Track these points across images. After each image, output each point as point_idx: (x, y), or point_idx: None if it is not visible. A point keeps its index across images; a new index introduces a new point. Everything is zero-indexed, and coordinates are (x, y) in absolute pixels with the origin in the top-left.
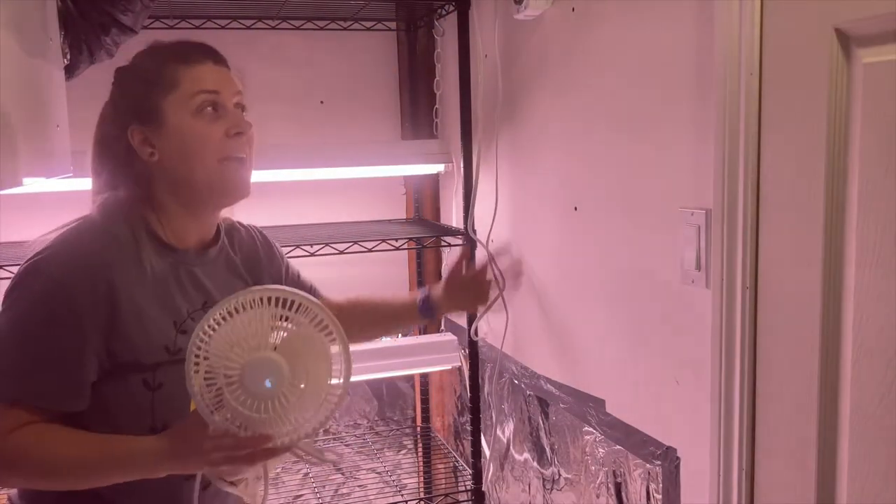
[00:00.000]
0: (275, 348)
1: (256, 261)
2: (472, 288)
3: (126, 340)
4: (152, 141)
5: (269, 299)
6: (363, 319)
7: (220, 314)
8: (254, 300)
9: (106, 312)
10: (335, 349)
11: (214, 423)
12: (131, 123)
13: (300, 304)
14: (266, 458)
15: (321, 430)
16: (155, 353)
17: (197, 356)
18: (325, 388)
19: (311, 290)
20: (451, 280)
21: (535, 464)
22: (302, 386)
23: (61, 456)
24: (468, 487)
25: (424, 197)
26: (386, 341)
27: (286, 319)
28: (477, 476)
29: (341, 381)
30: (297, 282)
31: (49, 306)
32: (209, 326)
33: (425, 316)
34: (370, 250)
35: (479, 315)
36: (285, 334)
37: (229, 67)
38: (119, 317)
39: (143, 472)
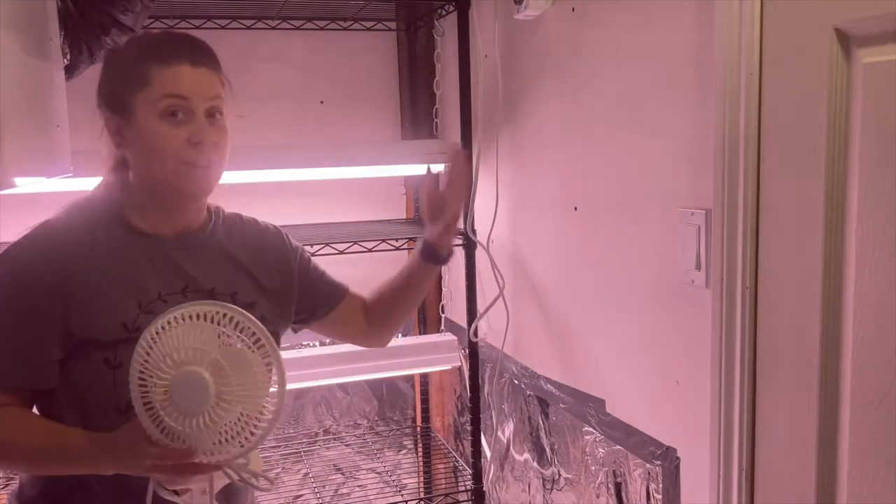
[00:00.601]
0: (209, 364)
1: (258, 253)
2: (448, 198)
3: (82, 319)
4: (122, 132)
5: (213, 315)
6: (390, 302)
7: (162, 323)
8: (194, 314)
9: (60, 295)
10: (272, 370)
11: (151, 429)
12: (106, 111)
13: (240, 322)
14: (195, 472)
15: (252, 451)
16: (112, 330)
17: (143, 363)
18: (256, 408)
19: (335, 287)
20: (430, 210)
21: (535, 464)
22: (229, 405)
23: (23, 441)
24: (468, 487)
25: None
26: None
27: (233, 334)
28: (477, 476)
29: (274, 403)
30: (315, 279)
31: (9, 291)
32: (155, 333)
33: (431, 259)
34: (370, 250)
35: (479, 315)
36: (218, 348)
37: (214, 67)
38: (74, 297)
39: (91, 468)
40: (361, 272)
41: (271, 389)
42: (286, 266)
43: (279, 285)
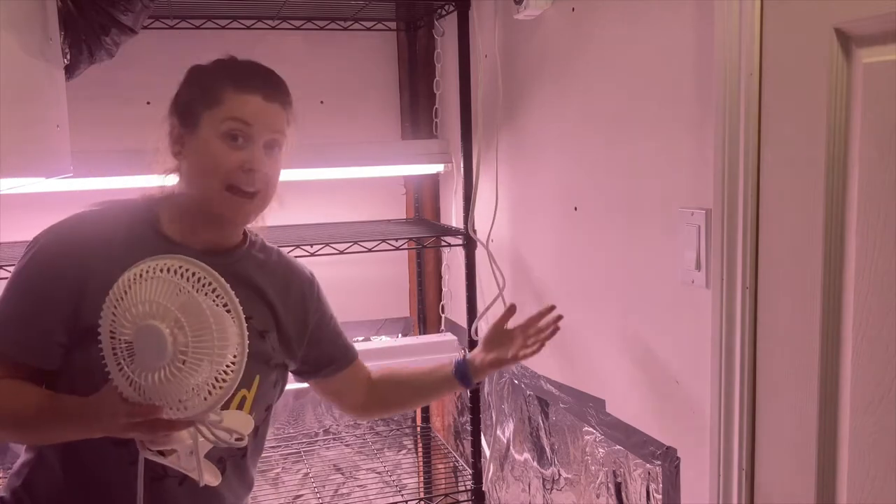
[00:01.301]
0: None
1: (285, 290)
2: (514, 340)
3: (91, 310)
4: (183, 141)
5: (176, 270)
6: (399, 394)
7: (128, 278)
8: (157, 267)
9: (75, 282)
10: (233, 328)
11: (124, 387)
12: (174, 118)
13: (203, 279)
14: (167, 429)
15: (217, 407)
16: None
17: (111, 319)
18: (219, 364)
19: (346, 352)
20: (492, 333)
21: (535, 464)
22: (190, 359)
23: (14, 409)
24: (468, 487)
25: (424, 197)
26: (386, 341)
27: (197, 290)
28: (477, 476)
29: (236, 359)
30: (327, 337)
31: (28, 271)
32: (122, 292)
33: (460, 378)
34: (370, 250)
35: (479, 315)
36: (179, 301)
37: (285, 104)
38: (88, 287)
39: (79, 431)
40: (361, 272)
41: (231, 345)
42: (304, 312)
43: (293, 326)
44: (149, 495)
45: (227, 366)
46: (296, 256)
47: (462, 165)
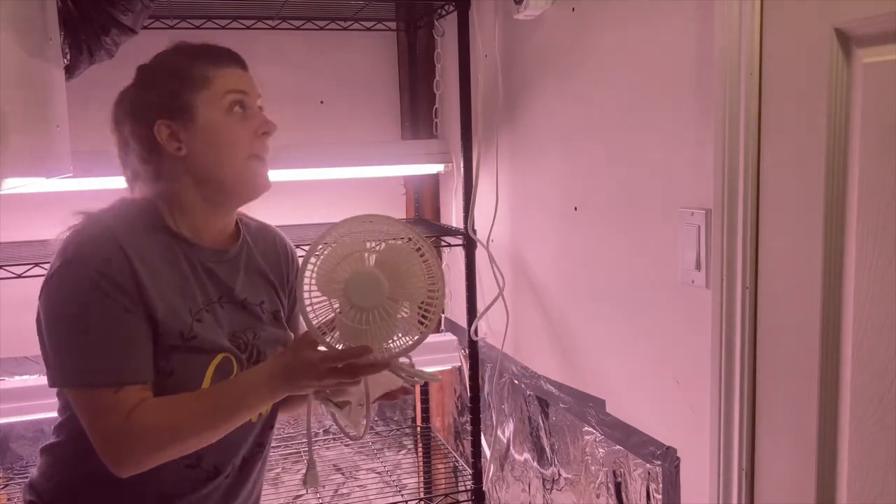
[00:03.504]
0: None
1: (276, 260)
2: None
3: (153, 318)
4: (180, 136)
5: (370, 224)
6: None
7: (325, 242)
8: (353, 228)
9: (138, 290)
10: (430, 271)
11: (322, 340)
12: (158, 118)
13: (399, 232)
14: (367, 372)
15: (417, 346)
16: (172, 336)
17: (310, 278)
18: (420, 303)
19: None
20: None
21: (535, 464)
22: (401, 302)
23: (188, 412)
24: (468, 487)
25: (424, 197)
26: None
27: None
28: (477, 476)
29: (436, 297)
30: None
31: (97, 292)
32: (316, 253)
33: None
34: None
35: (478, 315)
36: (380, 251)
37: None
38: (147, 295)
39: (265, 397)
40: None
41: (429, 284)
42: (287, 270)
43: (282, 289)
44: (189, 485)
45: (428, 306)
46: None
47: (462, 165)
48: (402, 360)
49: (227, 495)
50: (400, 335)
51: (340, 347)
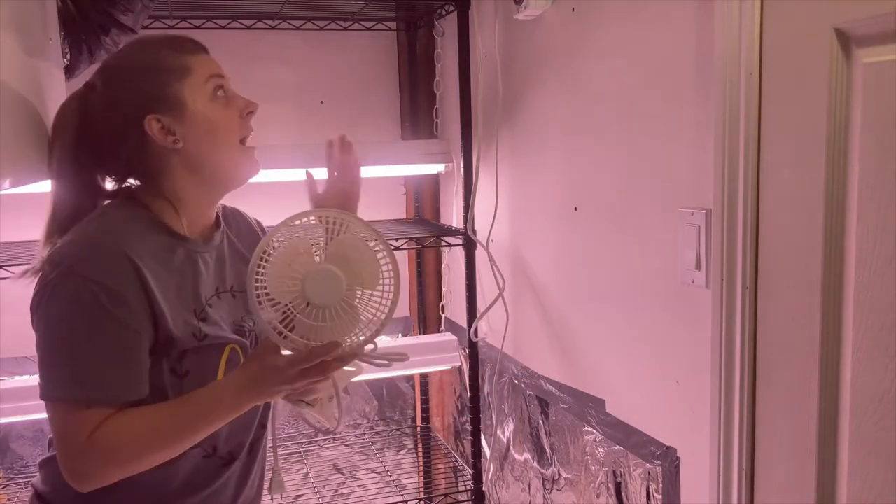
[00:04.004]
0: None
1: (250, 239)
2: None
3: (164, 329)
4: (173, 128)
5: (309, 220)
6: None
7: (269, 245)
8: (293, 225)
9: (146, 302)
10: (380, 256)
11: (285, 344)
12: (148, 114)
13: (341, 222)
14: (337, 367)
15: (381, 333)
16: (185, 339)
17: (257, 287)
18: (376, 290)
19: None
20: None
21: (535, 464)
22: (358, 290)
23: (152, 429)
24: (468, 487)
25: (424, 197)
26: (386, 341)
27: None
28: (477, 476)
29: (391, 282)
30: None
31: (93, 305)
32: (262, 258)
33: None
34: None
35: (478, 315)
36: (329, 246)
37: None
38: (156, 305)
39: (230, 411)
40: None
41: (382, 271)
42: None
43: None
44: (209, 474)
45: (386, 294)
46: None
47: (462, 165)
48: (368, 346)
49: (241, 479)
50: (364, 324)
51: (305, 348)
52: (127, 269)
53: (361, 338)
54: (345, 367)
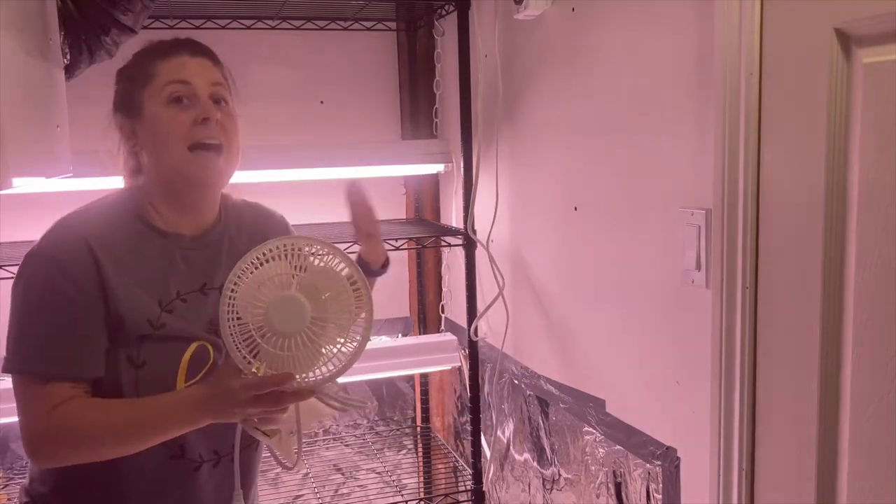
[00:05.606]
0: (297, 289)
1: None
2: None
3: (115, 311)
4: (135, 131)
5: (292, 247)
6: None
7: (247, 264)
8: (274, 248)
9: (98, 283)
10: (356, 293)
11: (244, 366)
12: (119, 117)
13: (325, 253)
14: (291, 400)
15: (343, 372)
16: (138, 325)
17: (230, 303)
18: (347, 328)
19: None
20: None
21: (535, 464)
22: (325, 324)
23: (105, 422)
24: (468, 487)
25: (424, 197)
26: (386, 341)
27: (304, 269)
28: (477, 476)
29: (361, 321)
30: None
31: (51, 284)
32: (238, 276)
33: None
34: None
35: (478, 315)
36: (304, 274)
37: (214, 60)
38: (109, 287)
39: (184, 423)
40: None
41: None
42: None
43: None
44: (177, 477)
45: (353, 332)
46: None
47: (462, 165)
48: (331, 386)
49: (219, 486)
50: (325, 361)
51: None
52: (82, 252)
53: (325, 373)
54: (309, 404)
